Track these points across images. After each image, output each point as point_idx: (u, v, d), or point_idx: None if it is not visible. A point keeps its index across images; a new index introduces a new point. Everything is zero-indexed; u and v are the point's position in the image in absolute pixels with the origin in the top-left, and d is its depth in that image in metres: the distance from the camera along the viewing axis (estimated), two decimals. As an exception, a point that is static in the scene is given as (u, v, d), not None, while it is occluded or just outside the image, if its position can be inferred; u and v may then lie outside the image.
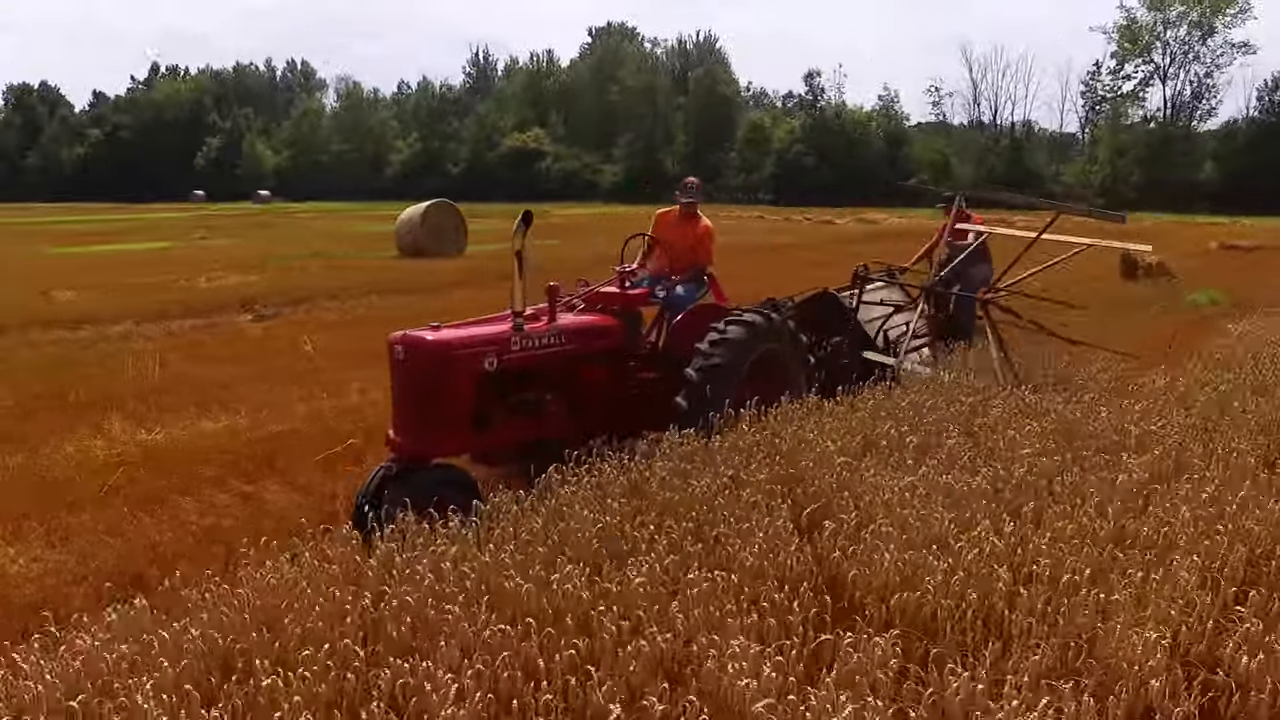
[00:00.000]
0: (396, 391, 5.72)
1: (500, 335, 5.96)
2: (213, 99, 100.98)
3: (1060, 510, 4.36)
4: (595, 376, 6.51)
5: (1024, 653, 3.12)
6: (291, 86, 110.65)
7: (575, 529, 4.07)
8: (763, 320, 6.68)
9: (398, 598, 3.36)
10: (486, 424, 5.94)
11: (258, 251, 28.63)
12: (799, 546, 3.96)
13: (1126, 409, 6.19)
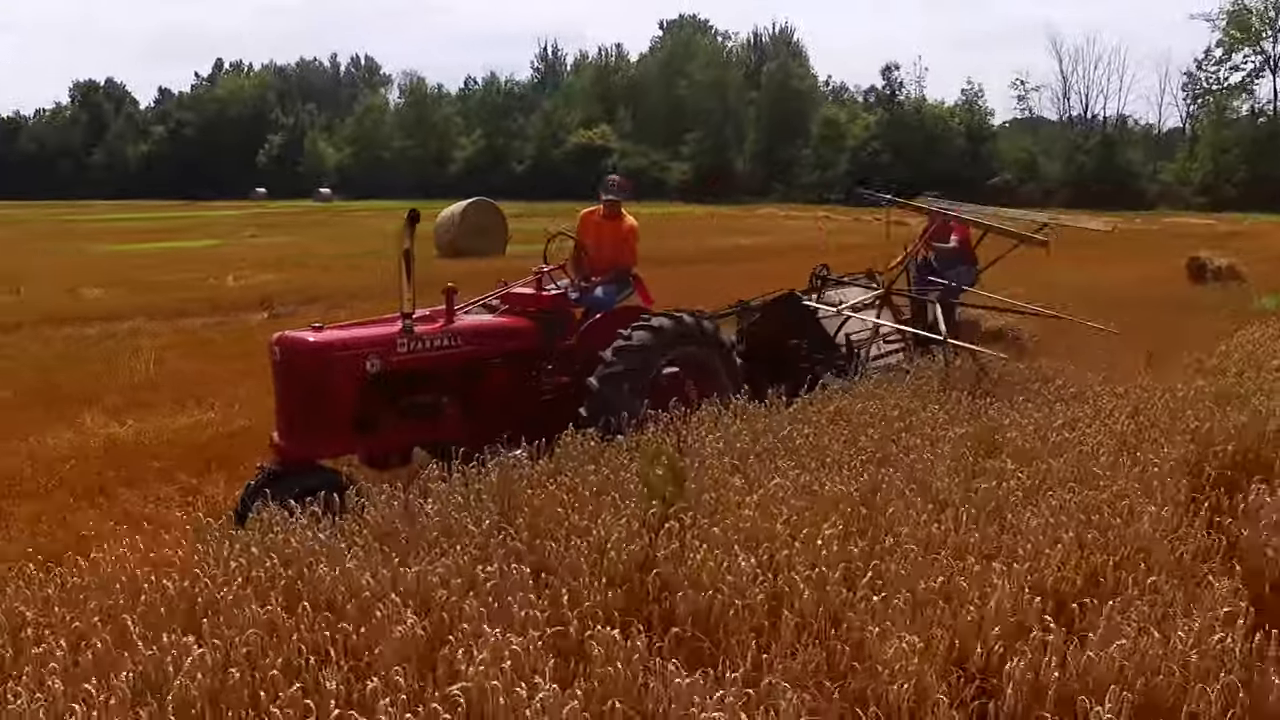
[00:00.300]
0: (277, 393, 5.93)
1: (385, 337, 6.09)
2: (276, 95, 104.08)
3: (928, 516, 4.43)
4: (501, 379, 6.61)
5: (787, 653, 3.25)
6: (355, 82, 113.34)
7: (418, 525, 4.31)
8: (671, 324, 6.74)
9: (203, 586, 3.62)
10: (372, 427, 6.08)
11: (299, 250, 29.60)
12: (642, 545, 4.12)
13: (1060, 414, 6.20)
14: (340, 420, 5.89)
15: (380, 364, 5.98)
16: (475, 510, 4.48)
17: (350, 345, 6.00)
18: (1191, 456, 5.70)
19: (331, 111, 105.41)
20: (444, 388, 6.38)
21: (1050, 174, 69.34)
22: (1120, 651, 3.32)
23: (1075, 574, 3.90)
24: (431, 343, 6.22)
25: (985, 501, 4.51)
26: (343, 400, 5.89)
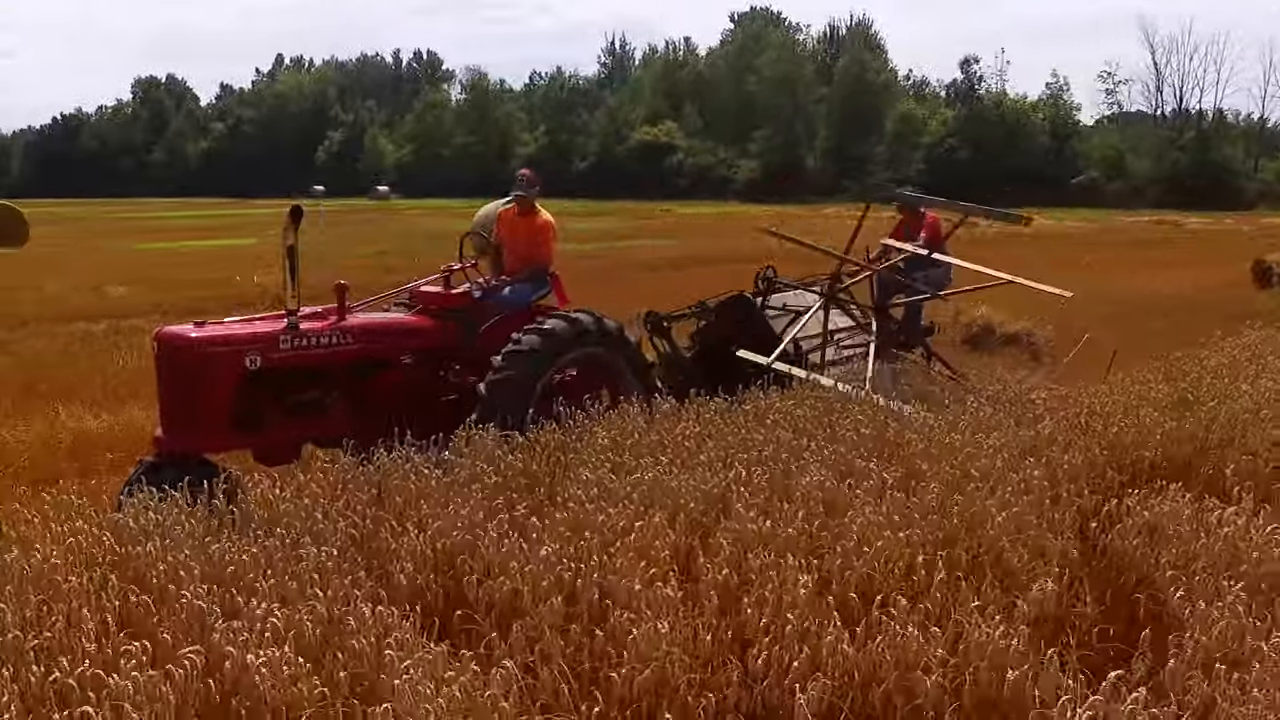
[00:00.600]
0: (159, 388, 6.28)
1: (266, 334, 6.36)
2: (336, 91, 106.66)
3: (771, 513, 4.63)
4: (399, 378, 6.84)
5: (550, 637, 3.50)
6: (417, 78, 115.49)
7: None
8: (565, 326, 6.85)
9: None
10: (255, 423, 6.34)
11: (338, 249, 30.42)
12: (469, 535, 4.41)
13: (970, 417, 6.31)
14: (219, 415, 6.17)
15: (261, 360, 6.24)
16: (323, 500, 4.81)
17: (229, 341, 6.26)
18: (1101, 461, 5.81)
19: (392, 108, 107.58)
20: (332, 385, 6.60)
21: (1139, 172, 67.80)
22: (883, 646, 3.51)
23: (888, 571, 4.07)
24: (317, 340, 6.46)
25: (829, 499, 4.69)
26: (221, 395, 6.16)
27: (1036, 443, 5.94)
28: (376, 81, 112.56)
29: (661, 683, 3.39)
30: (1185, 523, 4.62)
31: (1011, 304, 13.63)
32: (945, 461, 5.47)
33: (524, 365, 6.62)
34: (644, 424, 6.07)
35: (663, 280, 19.92)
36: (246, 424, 6.34)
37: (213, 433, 6.18)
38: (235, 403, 6.26)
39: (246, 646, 3.32)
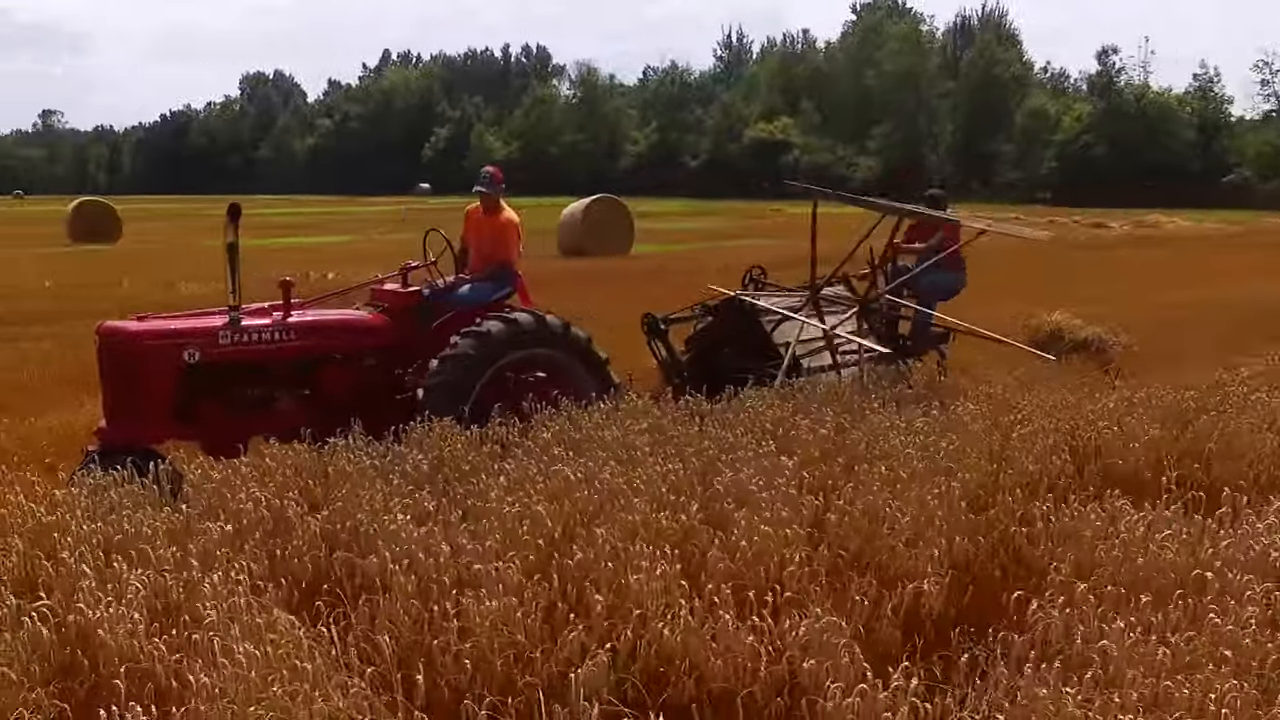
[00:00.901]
0: (100, 381, 6.78)
1: (206, 329, 6.79)
2: (443, 87, 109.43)
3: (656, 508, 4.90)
4: (350, 376, 7.19)
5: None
6: (526, 73, 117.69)
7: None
8: (503, 327, 7.07)
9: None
10: (196, 416, 6.76)
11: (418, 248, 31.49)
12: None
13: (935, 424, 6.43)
14: (158, 408, 6.62)
15: (200, 355, 6.69)
16: (250, 482, 5.25)
17: (167, 335, 6.74)
18: (1056, 470, 5.88)
19: (500, 104, 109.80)
20: (277, 381, 7.02)
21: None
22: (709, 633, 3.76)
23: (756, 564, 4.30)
24: (259, 336, 6.88)
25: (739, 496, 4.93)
26: (159, 388, 6.61)
27: (991, 446, 6.04)
28: (484, 77, 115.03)
29: (481, 658, 3.68)
30: (1090, 528, 4.71)
31: (1090, 311, 13.50)
32: (881, 463, 5.64)
33: (459, 369, 6.92)
34: (593, 421, 6.35)
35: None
36: (187, 417, 6.78)
37: (152, 424, 6.63)
38: (174, 396, 6.72)
39: (97, 605, 3.74)
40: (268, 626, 3.68)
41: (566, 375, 7.38)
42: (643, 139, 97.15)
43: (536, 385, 7.20)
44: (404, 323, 7.46)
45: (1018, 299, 15.93)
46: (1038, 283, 18.61)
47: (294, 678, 3.39)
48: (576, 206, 31.37)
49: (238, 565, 4.17)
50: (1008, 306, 14.20)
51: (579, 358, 7.46)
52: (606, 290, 17.68)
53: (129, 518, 4.68)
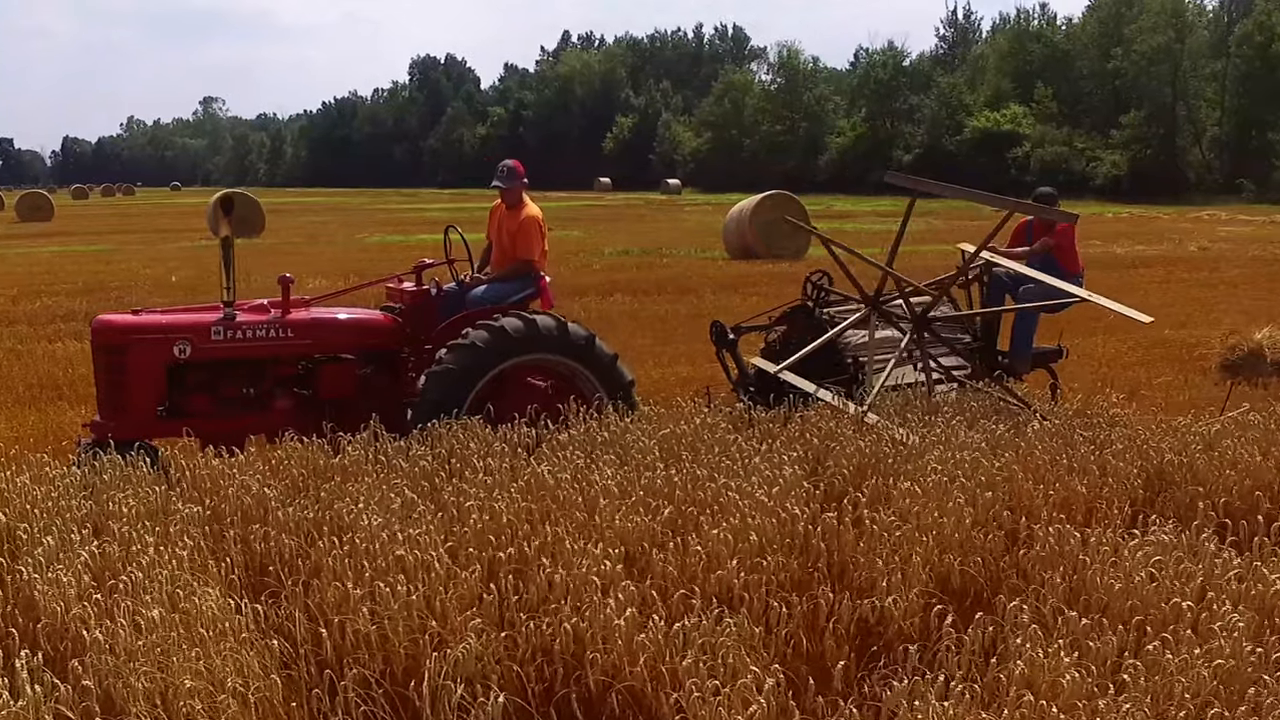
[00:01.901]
0: (94, 374, 7.54)
1: (198, 324, 7.43)
2: (628, 72, 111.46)
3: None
4: (350, 375, 7.74)
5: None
6: (719, 56, 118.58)
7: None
8: (521, 326, 7.51)
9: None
10: (185, 412, 7.41)
11: (568, 246, 32.64)
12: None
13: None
14: (147, 402, 7.32)
15: (191, 350, 7.36)
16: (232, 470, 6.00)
17: (158, 329, 7.42)
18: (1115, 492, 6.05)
19: (691, 90, 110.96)
20: (273, 380, 7.64)
21: None
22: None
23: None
24: (254, 333, 7.51)
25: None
26: (148, 383, 7.32)
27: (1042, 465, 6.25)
28: (673, 61, 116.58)
29: (383, 637, 4.23)
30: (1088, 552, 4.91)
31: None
32: (905, 479, 5.93)
33: (467, 358, 7.40)
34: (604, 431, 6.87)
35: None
36: (177, 412, 7.48)
37: (142, 418, 7.35)
38: (165, 391, 7.44)
39: (42, 570, 4.49)
40: (188, 597, 4.31)
41: (572, 381, 7.79)
42: (849, 129, 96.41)
43: (539, 391, 7.68)
44: (415, 323, 7.99)
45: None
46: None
47: (195, 642, 4.01)
48: (745, 204, 31.76)
49: (182, 542, 4.84)
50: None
51: (585, 363, 7.79)
52: (758, 296, 17.98)
53: (112, 498, 5.46)
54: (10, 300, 19.06)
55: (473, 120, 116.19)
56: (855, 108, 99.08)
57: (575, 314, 18.08)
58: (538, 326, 7.67)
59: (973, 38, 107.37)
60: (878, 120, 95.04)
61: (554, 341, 7.72)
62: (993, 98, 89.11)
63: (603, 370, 7.86)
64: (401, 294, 8.22)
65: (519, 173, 8.50)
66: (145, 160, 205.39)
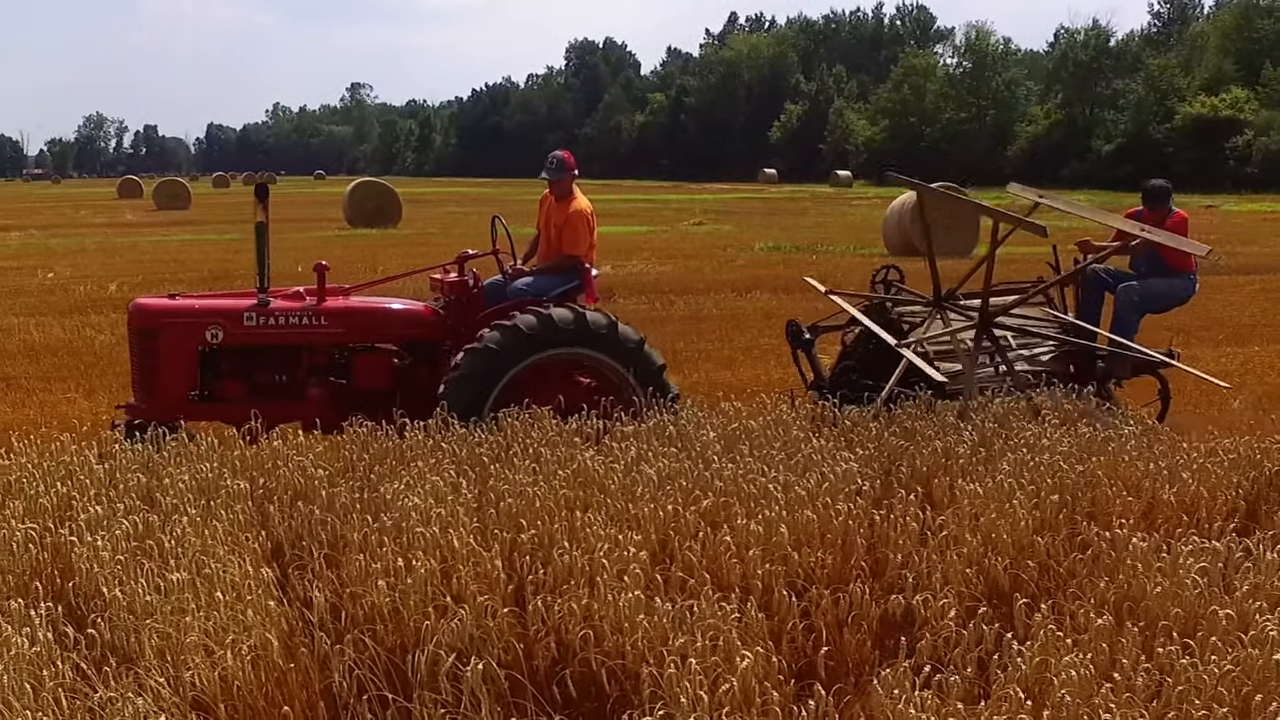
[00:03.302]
0: (130, 356, 8.15)
1: (231, 309, 7.96)
2: (799, 56, 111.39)
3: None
4: (386, 366, 8.20)
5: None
6: (901, 38, 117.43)
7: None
8: (536, 322, 7.77)
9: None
10: (219, 396, 7.96)
11: (719, 241, 33.10)
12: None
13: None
14: (179, 386, 7.90)
15: (224, 335, 7.91)
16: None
17: (191, 314, 7.99)
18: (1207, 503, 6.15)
19: (867, 75, 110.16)
20: (307, 368, 8.13)
21: None
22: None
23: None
24: (287, 320, 8.01)
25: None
26: (180, 367, 7.90)
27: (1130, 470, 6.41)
28: (849, 44, 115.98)
29: (395, 610, 4.67)
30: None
31: None
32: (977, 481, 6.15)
33: (482, 364, 7.75)
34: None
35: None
36: (209, 396, 8.06)
37: (174, 401, 7.93)
38: (196, 375, 8.02)
39: (81, 534, 5.09)
40: (213, 564, 4.83)
41: (610, 379, 8.08)
42: (1042, 117, 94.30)
43: (575, 387, 8.05)
44: (456, 314, 8.40)
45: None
46: None
47: (211, 605, 4.52)
48: (908, 197, 31.63)
49: (220, 516, 5.38)
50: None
51: (626, 361, 8.06)
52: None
53: (169, 473, 6.07)
54: (132, 287, 20.32)
55: (631, 107, 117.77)
56: (1050, 93, 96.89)
57: (706, 311, 18.73)
58: (587, 321, 7.99)
59: (1192, 14, 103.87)
60: (1075, 107, 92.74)
61: (600, 339, 8.02)
62: (1211, 80, 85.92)
63: (648, 376, 8.13)
64: (443, 285, 8.64)
65: (569, 164, 8.84)
66: (290, 148, 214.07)
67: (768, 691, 3.95)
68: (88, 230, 41.40)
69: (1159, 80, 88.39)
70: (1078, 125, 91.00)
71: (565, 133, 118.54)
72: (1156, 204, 9.81)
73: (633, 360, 8.09)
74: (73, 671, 4.09)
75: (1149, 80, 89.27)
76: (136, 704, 3.82)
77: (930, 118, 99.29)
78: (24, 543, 5.10)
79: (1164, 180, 10.13)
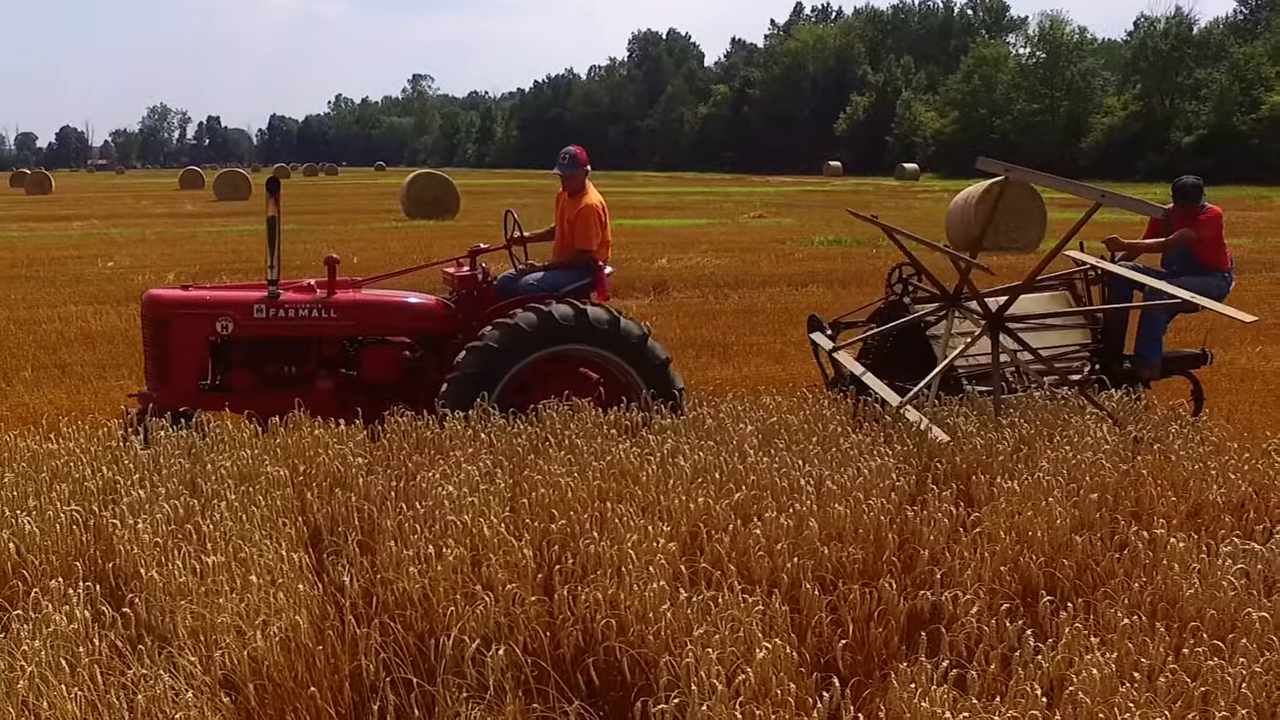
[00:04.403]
0: (143, 346, 8.41)
1: (241, 301, 8.22)
2: (866, 46, 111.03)
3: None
4: (395, 359, 8.40)
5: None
6: (972, 28, 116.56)
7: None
8: (535, 319, 7.89)
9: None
10: (229, 387, 8.20)
11: (779, 234, 33.10)
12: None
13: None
14: (189, 376, 8.16)
15: (234, 327, 8.16)
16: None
17: (202, 305, 8.22)
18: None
19: (936, 66, 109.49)
20: (316, 360, 8.38)
21: None
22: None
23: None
24: (297, 313, 8.24)
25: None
26: (190, 357, 8.16)
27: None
28: (918, 34, 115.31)
29: (424, 596, 4.83)
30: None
31: None
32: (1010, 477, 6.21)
33: (483, 362, 7.88)
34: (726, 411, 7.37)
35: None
36: (219, 387, 8.29)
37: (185, 391, 8.14)
38: (206, 365, 8.26)
39: (124, 517, 5.29)
40: (248, 547, 5.01)
41: (615, 375, 8.24)
42: (1118, 108, 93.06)
43: (581, 382, 8.20)
44: (466, 308, 8.56)
45: None
46: None
47: (244, 587, 4.70)
48: (973, 190, 31.45)
49: (258, 502, 5.57)
50: None
51: (628, 357, 8.18)
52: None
53: (212, 459, 6.28)
54: (190, 277, 20.70)
55: (694, 99, 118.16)
56: (1128, 83, 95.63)
57: (760, 304, 18.80)
58: (588, 317, 8.08)
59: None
60: (1154, 97, 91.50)
61: (602, 336, 8.12)
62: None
63: (652, 371, 8.24)
64: (455, 279, 8.80)
65: (581, 160, 8.94)
66: (351, 139, 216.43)
67: (784, 683, 4.05)
68: (148, 221, 42.17)
69: (1245, 69, 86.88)
70: (1156, 117, 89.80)
71: (627, 124, 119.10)
72: (1186, 202, 9.67)
73: (635, 356, 8.21)
74: (108, 649, 4.28)
75: (1234, 69, 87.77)
76: (166, 681, 3.99)
77: (1001, 109, 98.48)
78: (68, 524, 5.32)
79: (1197, 177, 9.98)
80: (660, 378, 8.23)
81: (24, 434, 7.11)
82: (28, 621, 4.39)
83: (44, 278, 22.37)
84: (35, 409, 10.56)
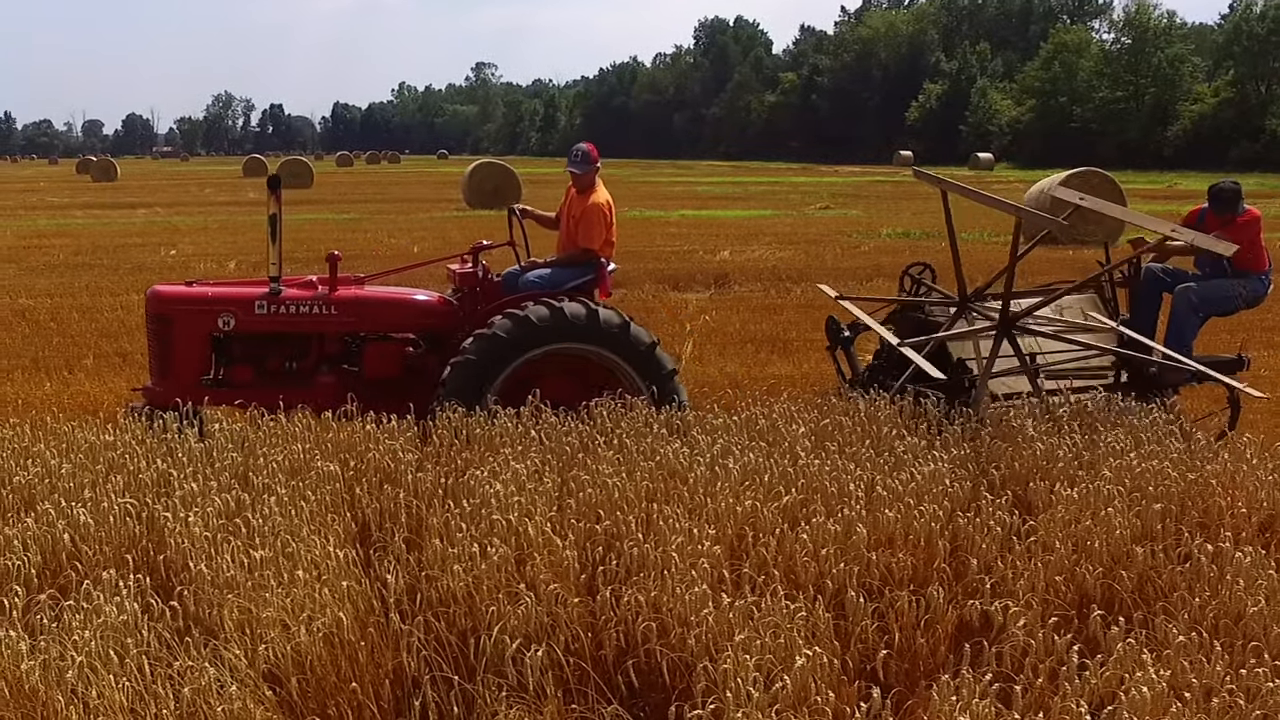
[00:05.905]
0: (147, 341, 8.62)
1: (243, 297, 8.40)
2: (940, 33, 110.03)
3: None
4: (396, 355, 8.54)
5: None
6: (1053, 13, 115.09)
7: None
8: (547, 314, 7.99)
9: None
10: (231, 382, 8.36)
11: (845, 226, 33.05)
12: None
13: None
14: (191, 371, 8.35)
15: (235, 323, 8.35)
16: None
17: (204, 301, 8.41)
18: None
19: (1014, 53, 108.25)
20: (317, 356, 8.54)
21: None
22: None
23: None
24: (297, 309, 8.40)
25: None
26: (192, 352, 8.37)
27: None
28: (995, 20, 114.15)
29: (468, 595, 4.94)
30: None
31: None
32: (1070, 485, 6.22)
33: (488, 350, 8.00)
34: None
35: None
36: (221, 382, 8.46)
37: (188, 386, 8.27)
38: (208, 361, 8.46)
39: (176, 509, 5.46)
40: (296, 542, 5.14)
41: (614, 377, 8.28)
42: (1210, 95, 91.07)
43: (585, 383, 8.24)
44: (469, 305, 8.69)
45: None
46: None
47: (291, 582, 4.83)
48: (1047, 182, 31.17)
49: (306, 496, 5.71)
50: None
51: (634, 362, 8.27)
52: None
53: (262, 453, 6.44)
54: (251, 265, 21.05)
55: (761, 87, 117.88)
56: (1220, 69, 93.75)
57: (824, 299, 18.43)
58: (565, 315, 8.16)
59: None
60: (1248, 84, 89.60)
61: (581, 330, 8.20)
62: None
63: (638, 359, 8.31)
64: (457, 275, 8.94)
65: (593, 157, 9.05)
66: (414, 127, 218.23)
67: (823, 691, 4.10)
68: (211, 208, 42.89)
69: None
70: (1250, 104, 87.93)
71: (692, 113, 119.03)
72: (1223, 209, 9.47)
73: (641, 362, 8.31)
74: (156, 640, 4.44)
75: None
76: (211, 673, 4.13)
77: (1082, 97, 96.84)
78: (121, 516, 5.49)
79: (1234, 182, 9.74)
80: (663, 387, 8.33)
81: (83, 424, 7.32)
82: (79, 612, 4.55)
83: (107, 265, 22.88)
84: (96, 397, 10.86)
